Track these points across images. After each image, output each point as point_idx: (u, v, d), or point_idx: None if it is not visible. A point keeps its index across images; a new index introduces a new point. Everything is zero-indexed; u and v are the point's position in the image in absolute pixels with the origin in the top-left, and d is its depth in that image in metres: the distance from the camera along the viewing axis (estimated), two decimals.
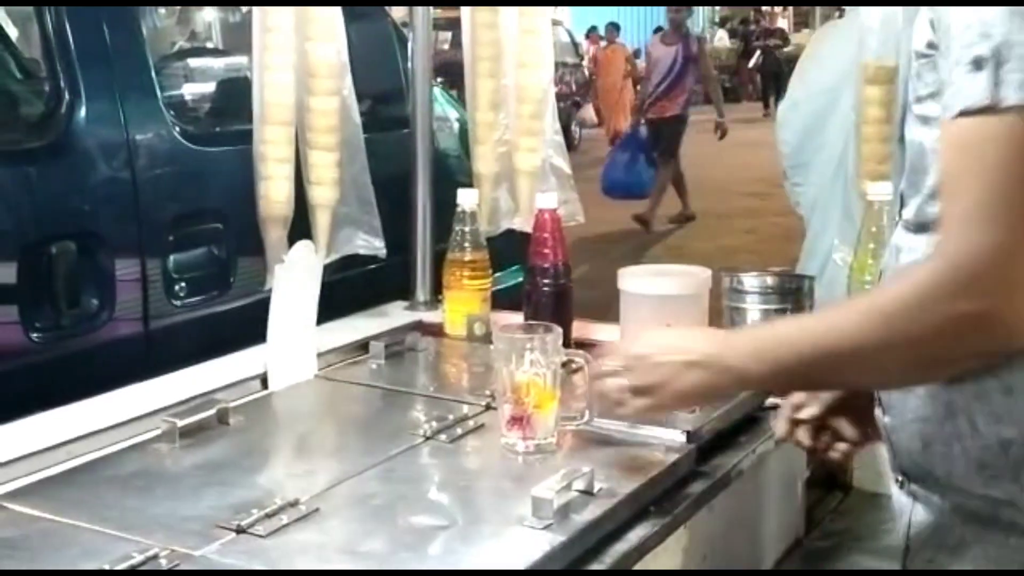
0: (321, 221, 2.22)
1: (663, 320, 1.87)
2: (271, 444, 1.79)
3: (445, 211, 2.23)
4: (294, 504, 1.40)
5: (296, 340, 1.96)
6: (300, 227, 2.20)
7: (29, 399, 1.52)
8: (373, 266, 2.54)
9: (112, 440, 1.64)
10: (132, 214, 2.46)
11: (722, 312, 1.99)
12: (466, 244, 2.15)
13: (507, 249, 2.41)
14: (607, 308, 2.10)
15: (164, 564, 1.25)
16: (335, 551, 1.35)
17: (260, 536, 1.32)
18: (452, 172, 3.04)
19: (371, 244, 2.31)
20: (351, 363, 2.07)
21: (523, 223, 2.35)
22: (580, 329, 2.12)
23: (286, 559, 1.28)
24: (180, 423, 1.64)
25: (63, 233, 2.32)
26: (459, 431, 1.67)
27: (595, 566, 1.36)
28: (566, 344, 1.99)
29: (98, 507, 1.40)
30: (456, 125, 3.41)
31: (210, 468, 1.56)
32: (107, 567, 1.22)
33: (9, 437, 1.59)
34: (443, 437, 1.66)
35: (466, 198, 2.15)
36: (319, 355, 2.01)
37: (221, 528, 1.34)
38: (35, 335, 2.28)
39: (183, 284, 2.54)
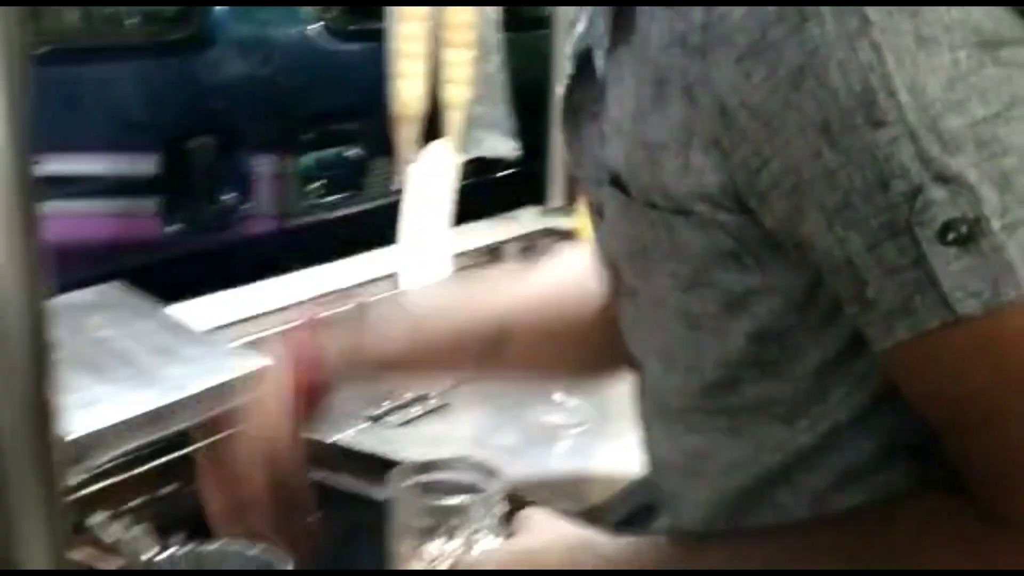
0: (454, 121, 2.20)
1: None
2: None
3: None
4: (425, 397, 1.40)
5: (429, 240, 1.96)
6: (433, 127, 2.19)
7: (166, 292, 1.55)
8: (507, 171, 2.52)
9: (254, 329, 1.66)
10: (269, 111, 2.48)
11: None
12: None
13: None
14: None
15: None
16: (465, 442, 1.35)
17: (393, 426, 1.34)
18: None
19: (505, 146, 2.28)
20: (483, 266, 2.06)
21: None
22: None
23: (417, 447, 1.29)
24: (318, 315, 1.66)
25: (203, 127, 2.35)
26: None
27: None
28: None
29: None
30: None
31: None
32: None
33: None
34: None
35: None
36: (452, 257, 2.00)
37: (356, 416, 1.35)
38: (174, 228, 2.32)
39: (317, 183, 2.55)
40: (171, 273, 2.26)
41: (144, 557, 0.84)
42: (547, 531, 0.88)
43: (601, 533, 0.88)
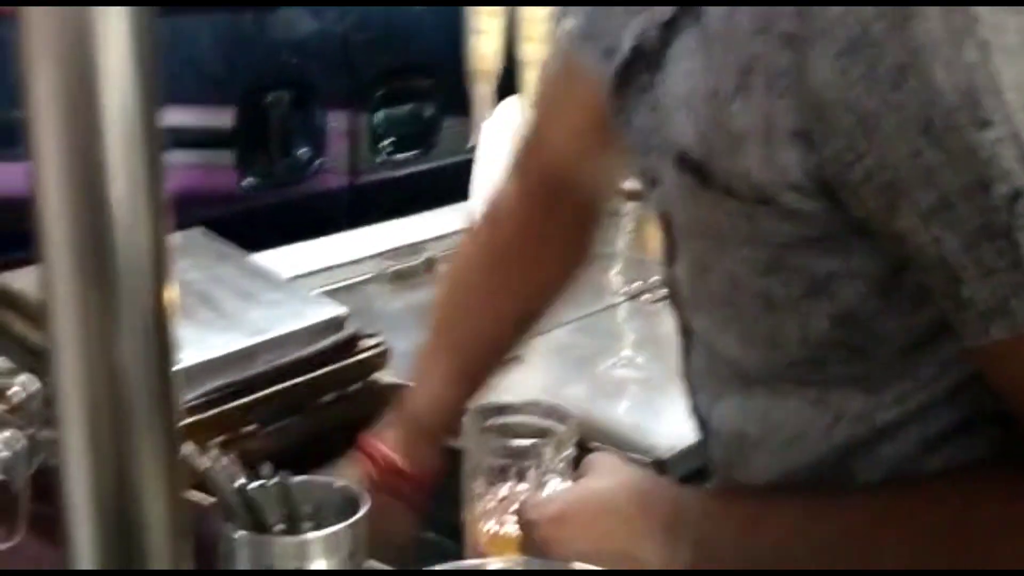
0: (530, 78, 2.21)
1: None
2: None
3: None
4: None
5: None
6: (508, 85, 2.20)
7: (242, 243, 1.58)
8: None
9: (327, 281, 1.70)
10: (344, 66, 2.51)
11: None
12: None
13: None
14: None
15: None
16: (536, 393, 1.37)
17: None
18: None
19: None
20: None
21: None
22: None
23: (489, 397, 1.31)
24: (391, 267, 1.69)
25: (278, 82, 2.38)
26: (662, 293, 1.67)
27: None
28: None
29: None
30: None
31: (419, 311, 1.59)
32: None
33: None
34: (645, 297, 1.67)
35: None
36: None
37: None
38: (249, 181, 2.36)
39: (390, 139, 2.58)
40: (246, 225, 2.30)
41: (235, 485, 0.88)
42: (618, 474, 0.89)
43: (671, 481, 0.89)
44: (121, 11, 0.58)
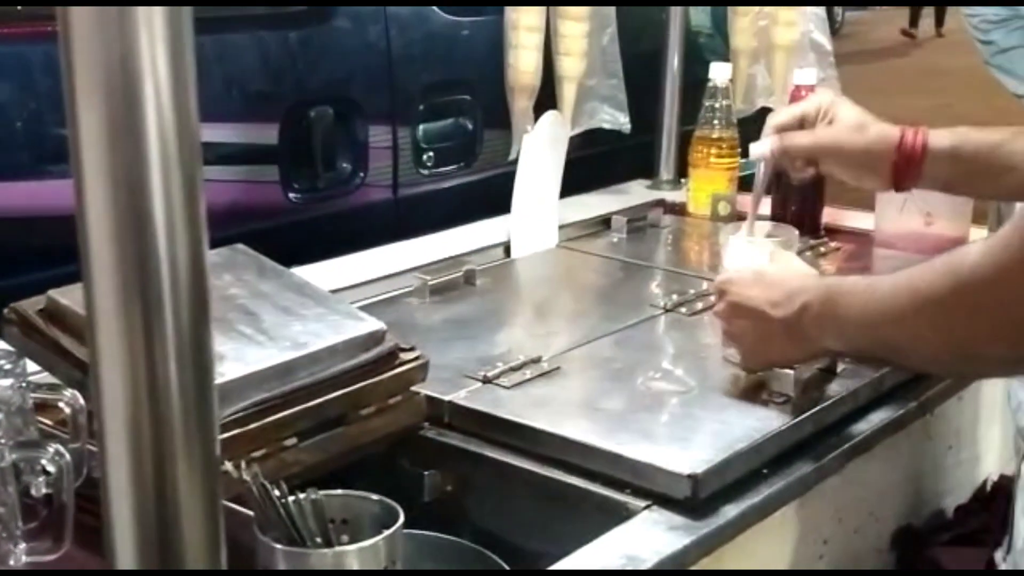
0: (567, 93, 2.22)
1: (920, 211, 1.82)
2: (514, 306, 1.84)
3: (689, 91, 2.18)
4: (536, 361, 1.44)
5: (539, 210, 1.99)
6: (546, 100, 2.21)
7: (286, 256, 1.60)
8: (617, 145, 2.53)
9: (368, 294, 1.72)
10: (386, 82, 2.53)
11: None
12: (715, 121, 2.12)
13: (756, 133, 2.35)
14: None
15: None
16: (574, 406, 1.38)
17: (505, 387, 1.37)
18: (700, 51, 2.98)
19: (616, 119, 2.30)
20: (592, 236, 2.09)
21: (778, 102, 2.28)
22: (832, 215, 2.07)
23: (528, 410, 1.32)
24: (431, 280, 1.71)
25: (321, 98, 2.41)
26: (699, 306, 1.67)
27: (832, 445, 1.34)
28: (815, 231, 1.95)
29: None
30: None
31: (458, 324, 1.62)
32: None
33: None
34: (683, 310, 1.67)
35: (719, 72, 2.10)
36: (560, 227, 2.04)
37: (468, 377, 1.39)
38: (293, 195, 2.39)
39: (431, 153, 2.60)
40: (290, 239, 2.33)
41: (273, 498, 0.89)
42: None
43: None
44: (163, 33, 0.60)
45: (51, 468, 0.99)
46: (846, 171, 1.55)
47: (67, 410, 1.04)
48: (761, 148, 1.60)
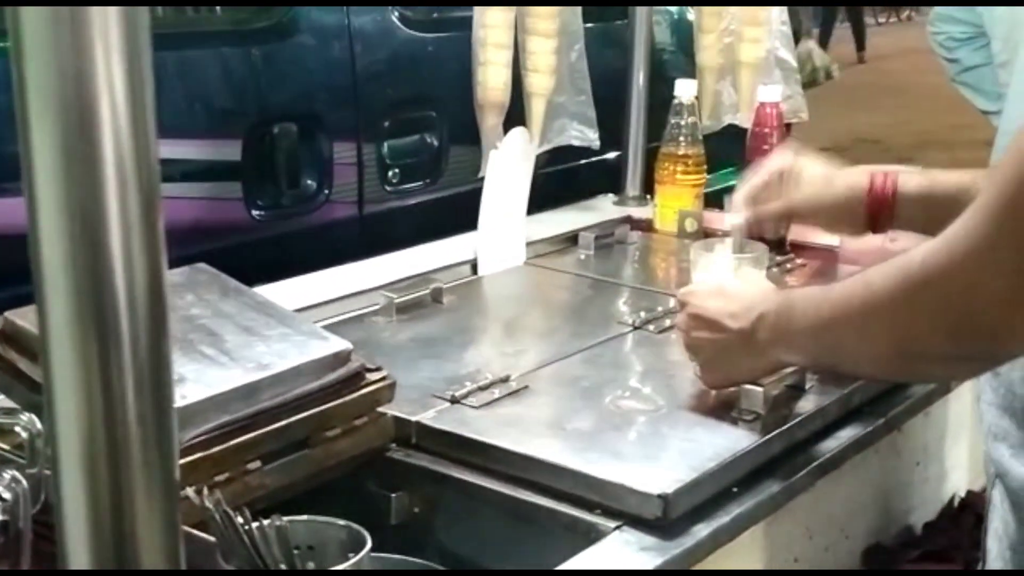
0: (536, 109, 2.21)
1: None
2: (482, 324, 1.83)
3: (654, 108, 2.17)
4: (505, 380, 1.43)
5: (507, 227, 1.98)
6: (515, 116, 2.20)
7: (249, 275, 1.58)
8: (583, 161, 2.53)
9: (333, 313, 1.70)
10: (351, 98, 2.51)
11: None
12: (681, 138, 2.12)
13: (722, 149, 2.36)
14: None
15: None
16: (543, 425, 1.37)
17: (473, 407, 1.36)
18: (664, 68, 2.99)
19: (585, 135, 2.29)
20: (559, 253, 2.08)
21: (745, 119, 2.28)
22: (798, 232, 2.06)
23: (496, 430, 1.31)
24: (397, 299, 1.69)
25: (285, 114, 2.38)
26: (667, 323, 1.66)
27: (802, 463, 1.34)
28: (782, 247, 1.95)
29: None
30: (673, 17, 3.32)
31: (425, 342, 1.60)
32: None
33: None
34: (651, 328, 1.66)
35: (684, 89, 2.10)
36: (528, 244, 2.02)
37: (436, 397, 1.38)
38: (256, 212, 2.36)
39: (397, 170, 2.58)
40: (254, 257, 2.30)
41: (236, 525, 0.87)
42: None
43: None
44: (119, 50, 0.58)
45: (6, 495, 0.96)
46: (821, 223, 1.63)
47: (24, 434, 1.02)
48: (735, 221, 1.64)
